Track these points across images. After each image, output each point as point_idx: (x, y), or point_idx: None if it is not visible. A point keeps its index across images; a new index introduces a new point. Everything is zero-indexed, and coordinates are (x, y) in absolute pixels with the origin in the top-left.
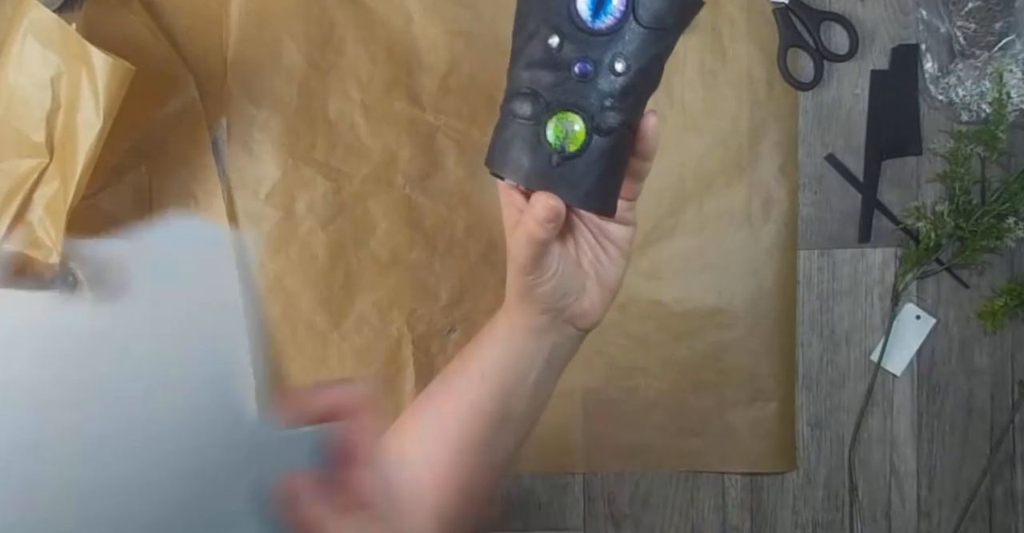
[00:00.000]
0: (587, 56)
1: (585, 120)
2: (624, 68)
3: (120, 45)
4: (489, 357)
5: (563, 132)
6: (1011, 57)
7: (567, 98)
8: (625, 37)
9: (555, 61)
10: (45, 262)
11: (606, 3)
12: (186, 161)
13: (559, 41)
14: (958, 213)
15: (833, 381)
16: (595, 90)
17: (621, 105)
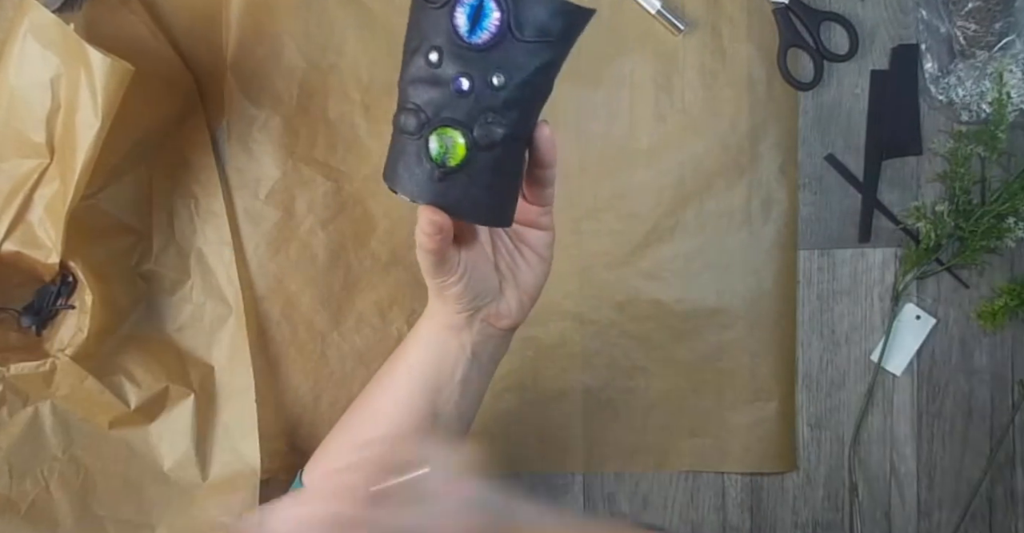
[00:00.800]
0: (466, 71)
1: (465, 135)
2: (503, 82)
3: (120, 45)
4: (414, 354)
5: (444, 147)
6: (1011, 57)
7: (447, 113)
8: (505, 51)
9: (435, 77)
10: (45, 262)
11: (482, 18)
12: (186, 161)
13: (438, 56)
14: (958, 213)
15: (833, 381)
16: (475, 105)
17: (503, 119)
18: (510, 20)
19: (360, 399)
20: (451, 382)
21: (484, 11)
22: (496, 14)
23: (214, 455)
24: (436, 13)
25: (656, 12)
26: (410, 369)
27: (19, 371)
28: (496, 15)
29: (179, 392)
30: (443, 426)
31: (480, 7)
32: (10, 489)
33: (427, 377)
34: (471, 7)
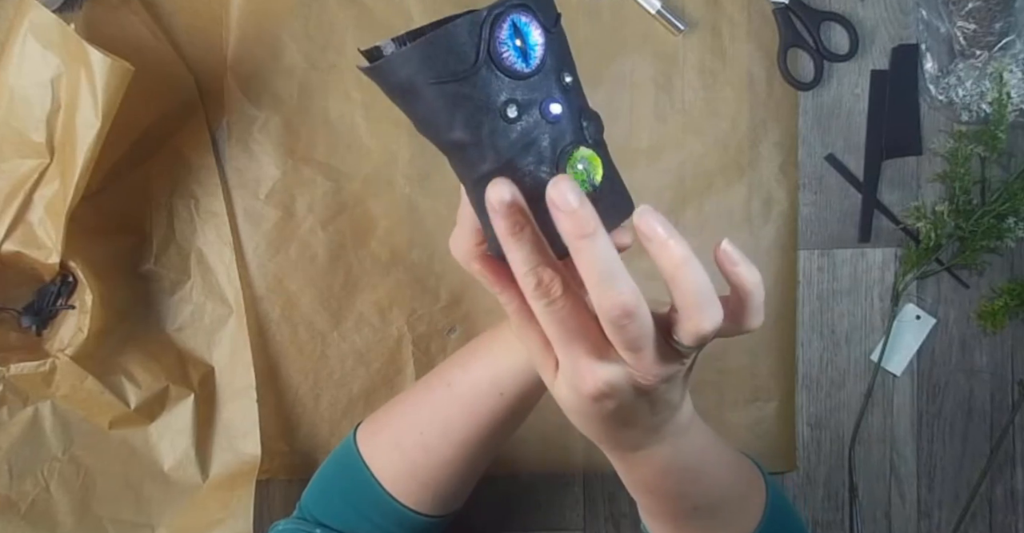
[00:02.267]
0: (547, 95)
1: (587, 145)
2: (570, 76)
3: (120, 45)
4: (509, 378)
5: (583, 171)
6: (1011, 57)
7: (561, 144)
8: (553, 51)
9: (528, 127)
10: (45, 262)
11: (525, 38)
12: (186, 161)
13: (516, 108)
14: (958, 213)
15: (833, 381)
16: (572, 115)
17: (586, 106)
18: (542, 20)
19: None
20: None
21: (522, 31)
22: (533, 24)
23: (214, 455)
24: (477, 77)
25: (656, 12)
26: (502, 396)
27: (19, 371)
28: (534, 25)
29: (179, 392)
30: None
31: (516, 30)
32: (10, 489)
33: (522, 399)
34: (509, 36)
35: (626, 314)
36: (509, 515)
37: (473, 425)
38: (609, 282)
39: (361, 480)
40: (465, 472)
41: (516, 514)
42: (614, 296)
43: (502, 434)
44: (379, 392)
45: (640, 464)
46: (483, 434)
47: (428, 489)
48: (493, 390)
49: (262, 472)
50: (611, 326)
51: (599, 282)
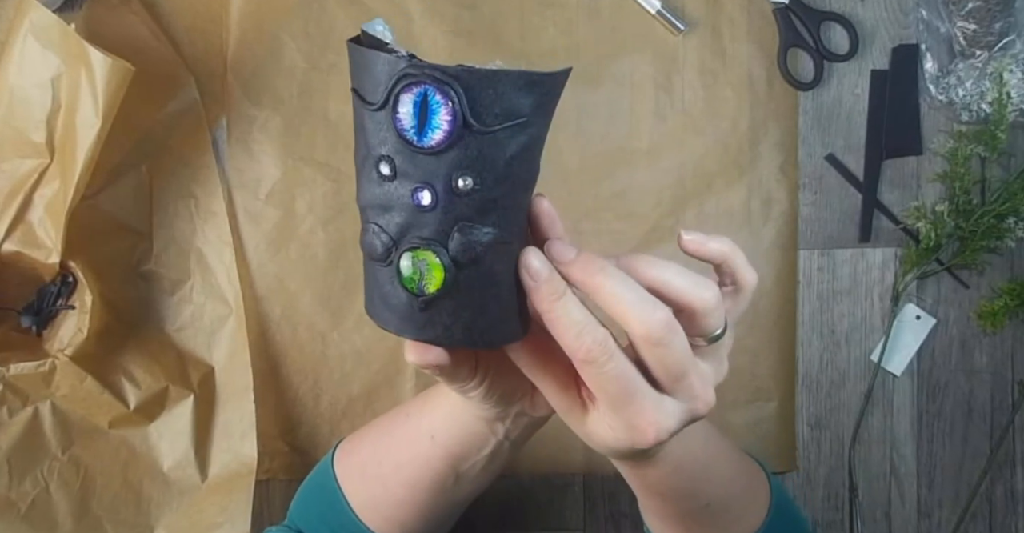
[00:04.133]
0: (425, 181)
1: (439, 254)
2: (472, 185)
3: (120, 45)
4: (440, 424)
5: (418, 273)
6: (1011, 57)
7: (414, 233)
8: (466, 148)
9: (391, 193)
10: (45, 262)
11: (430, 115)
12: (186, 161)
13: (390, 169)
14: (958, 213)
15: (833, 381)
16: (444, 218)
17: (483, 226)
18: (464, 111)
19: (389, 427)
20: (477, 455)
21: (430, 107)
22: (446, 108)
23: (213, 456)
24: (376, 116)
25: (656, 12)
26: (433, 439)
27: (19, 371)
28: (446, 109)
29: (179, 392)
30: (467, 482)
31: (424, 103)
32: (10, 489)
33: (451, 450)
34: (414, 105)
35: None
36: (509, 515)
37: (416, 469)
38: (641, 304)
39: (335, 501)
40: (426, 515)
41: (516, 514)
42: (652, 315)
43: (447, 487)
44: (379, 392)
45: (652, 466)
46: (427, 480)
47: (393, 526)
48: (426, 433)
49: (262, 472)
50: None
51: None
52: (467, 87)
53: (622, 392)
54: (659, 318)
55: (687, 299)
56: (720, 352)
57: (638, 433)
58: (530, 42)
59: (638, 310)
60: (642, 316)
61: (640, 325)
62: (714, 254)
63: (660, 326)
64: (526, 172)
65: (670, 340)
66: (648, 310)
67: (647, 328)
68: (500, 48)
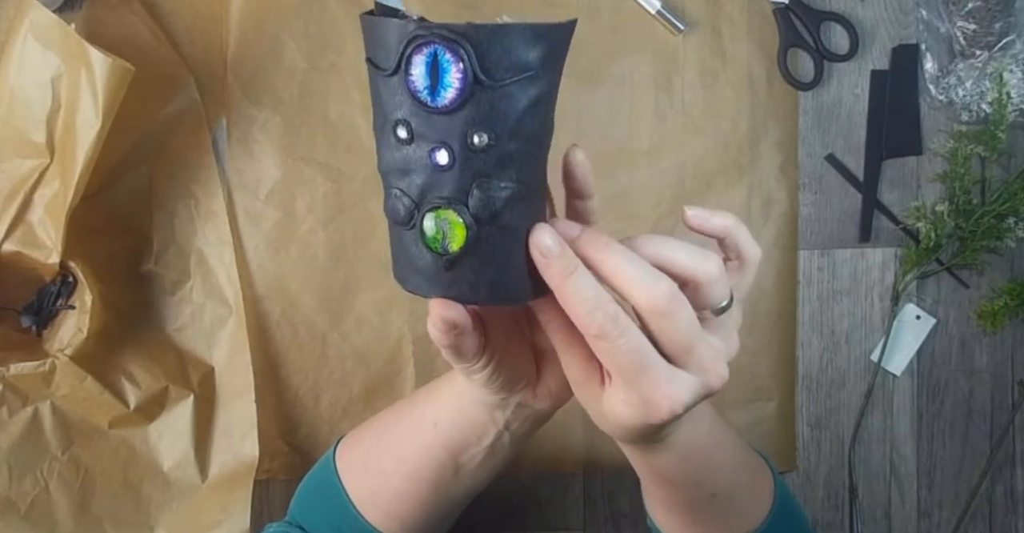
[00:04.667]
0: (441, 140)
1: (460, 212)
2: (487, 140)
3: (120, 45)
4: (442, 413)
5: (440, 232)
6: (1011, 57)
7: (434, 193)
8: (478, 104)
9: (409, 155)
10: (45, 262)
11: (441, 74)
12: (186, 161)
13: (407, 131)
14: (958, 213)
15: (833, 381)
16: (462, 175)
17: (501, 181)
18: (474, 68)
19: (392, 419)
20: (477, 445)
21: (441, 66)
22: (456, 66)
23: (213, 456)
24: (391, 81)
25: (656, 12)
26: (435, 426)
27: (19, 371)
28: (456, 67)
29: (179, 392)
30: (466, 475)
31: (435, 63)
32: (10, 489)
33: (452, 438)
34: (426, 65)
35: (673, 298)
36: (509, 515)
37: (417, 458)
38: (645, 277)
39: (336, 497)
40: (426, 508)
41: (516, 514)
42: (656, 287)
43: (447, 479)
44: (379, 392)
45: (660, 451)
46: (428, 471)
47: (393, 520)
48: (430, 420)
49: (262, 472)
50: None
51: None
52: (475, 43)
53: (635, 365)
54: (662, 290)
55: (690, 271)
56: (728, 325)
57: (652, 407)
58: None
59: (641, 283)
60: (645, 289)
61: (644, 298)
62: (717, 229)
63: (664, 297)
64: (539, 126)
65: (675, 311)
66: (651, 283)
67: (651, 300)
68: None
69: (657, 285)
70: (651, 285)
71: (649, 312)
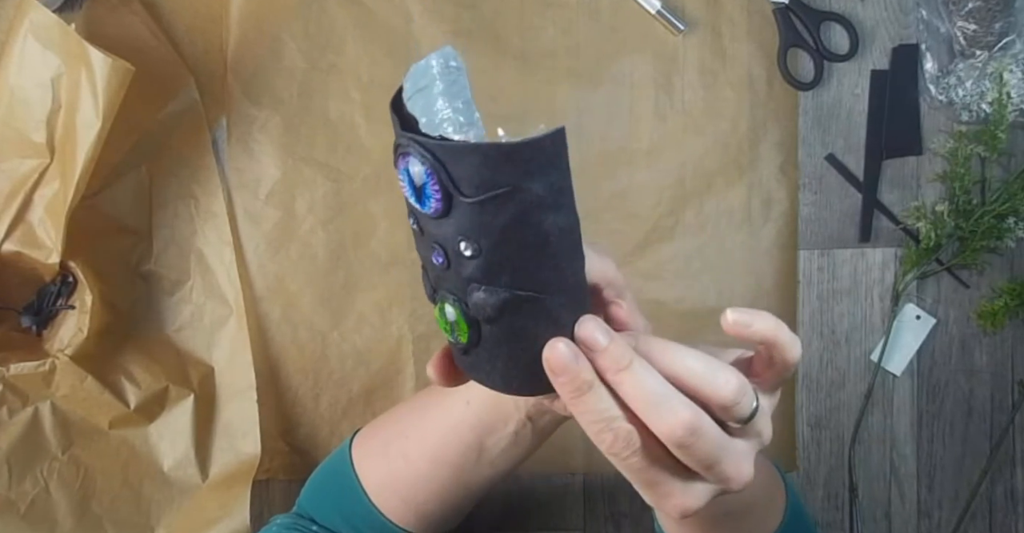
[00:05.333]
0: (437, 242)
1: (463, 310)
2: (474, 250)
3: (120, 45)
4: (476, 391)
5: (449, 324)
6: (1011, 57)
7: (443, 285)
8: (461, 215)
9: (422, 247)
10: (45, 262)
11: (423, 185)
12: (186, 161)
13: (416, 225)
14: (958, 213)
15: (833, 381)
16: (457, 277)
17: (492, 286)
18: (447, 182)
19: (417, 404)
20: (504, 429)
21: (423, 176)
22: (431, 178)
23: (213, 455)
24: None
25: (656, 12)
26: (467, 404)
27: (19, 371)
28: (432, 179)
29: (179, 392)
30: (487, 462)
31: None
32: (10, 489)
33: (482, 418)
34: (407, 174)
35: (692, 432)
36: (509, 515)
37: (444, 439)
38: (662, 405)
39: (348, 486)
40: (444, 496)
41: (516, 514)
42: (672, 419)
43: (470, 463)
44: (379, 392)
45: None
46: (453, 452)
47: (409, 507)
48: (461, 398)
49: (262, 472)
50: (680, 450)
51: (651, 408)
52: (443, 161)
53: (645, 483)
54: (681, 421)
55: (707, 392)
56: (759, 424)
57: (662, 509)
58: (530, 42)
59: (659, 413)
60: (665, 420)
61: (663, 429)
62: (758, 336)
63: (683, 429)
64: (537, 233)
65: (694, 442)
66: (670, 412)
67: (670, 431)
68: (500, 48)
69: (675, 417)
70: (669, 416)
71: (667, 441)
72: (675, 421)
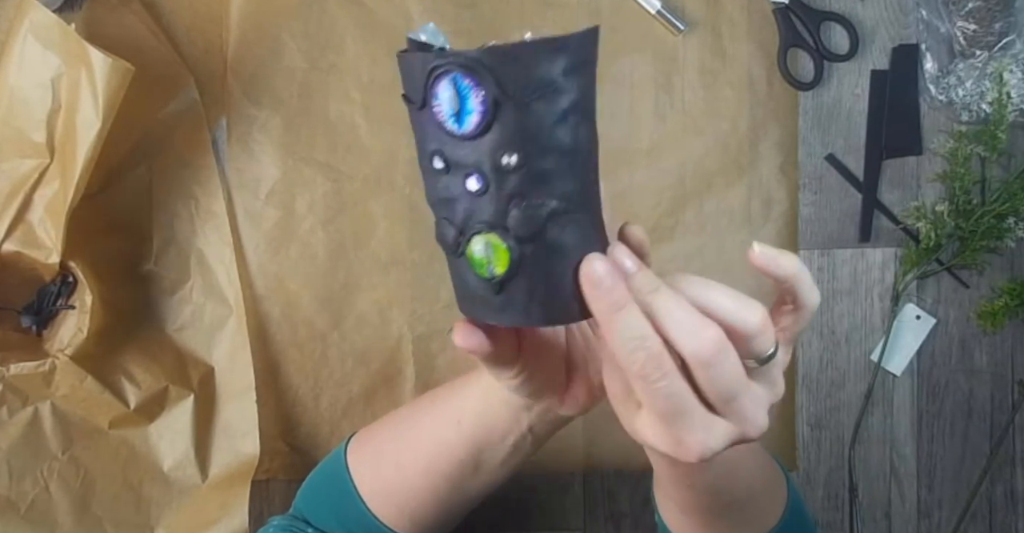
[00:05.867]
0: (473, 166)
1: (501, 235)
2: (517, 160)
3: (120, 45)
4: (467, 410)
5: (485, 257)
6: (1011, 57)
7: (475, 218)
8: (504, 125)
9: (448, 185)
10: (45, 262)
11: (462, 101)
12: (186, 161)
13: (442, 162)
14: (958, 213)
15: (833, 381)
16: (498, 198)
17: (537, 198)
18: (495, 90)
19: (411, 412)
20: (500, 444)
21: (461, 93)
22: (476, 90)
23: (213, 456)
24: (422, 115)
25: (656, 12)
26: (459, 424)
27: (19, 371)
28: (476, 92)
29: (179, 392)
30: (485, 472)
31: (455, 90)
32: (10, 489)
33: (476, 436)
34: (447, 94)
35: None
36: (509, 515)
37: (436, 453)
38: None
39: (344, 490)
40: (439, 504)
41: (516, 514)
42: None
43: (465, 476)
44: (379, 392)
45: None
46: (447, 468)
47: (403, 514)
48: (452, 417)
49: (262, 472)
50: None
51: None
52: (491, 66)
53: (672, 410)
54: (709, 337)
55: (733, 321)
56: (773, 372)
57: (682, 449)
58: None
59: (688, 330)
60: (692, 336)
61: (690, 346)
62: (782, 272)
63: (710, 347)
64: (574, 139)
65: (720, 362)
66: (698, 330)
67: (696, 349)
68: None
69: (704, 333)
70: (698, 333)
71: (693, 360)
72: (705, 336)
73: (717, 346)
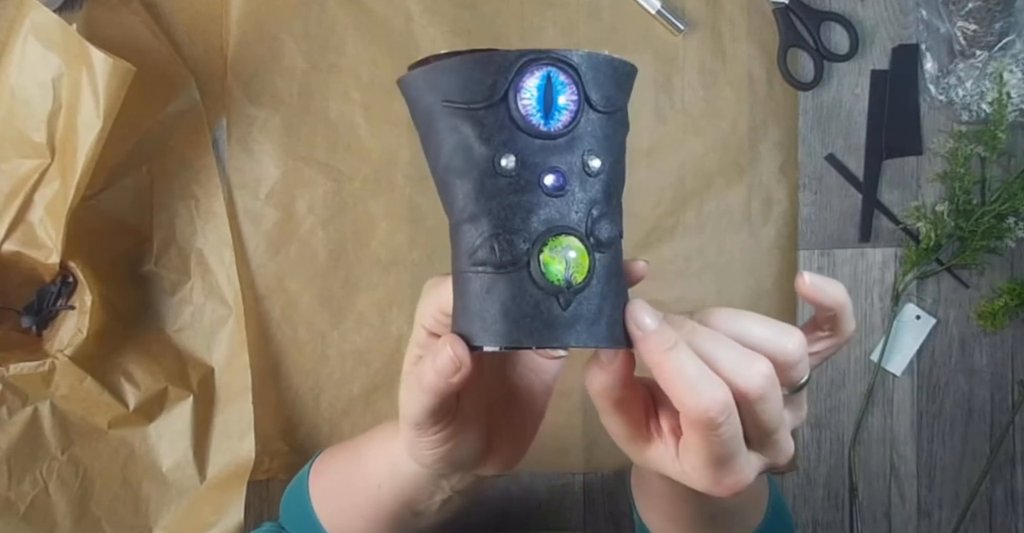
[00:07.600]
0: (554, 166)
1: (581, 239)
2: (600, 164)
3: (120, 45)
4: (386, 473)
5: (563, 263)
6: (1011, 57)
7: (554, 221)
8: (586, 128)
9: (518, 184)
10: (45, 262)
11: (554, 98)
12: (186, 161)
13: (514, 161)
14: (958, 213)
15: (833, 381)
16: (576, 200)
17: (609, 209)
18: (586, 91)
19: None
20: (428, 502)
21: (555, 88)
22: (569, 88)
23: (212, 456)
24: (486, 115)
25: (656, 12)
26: (380, 488)
27: (19, 371)
28: (569, 89)
29: (178, 393)
30: (428, 517)
31: (548, 86)
32: (9, 489)
33: (399, 497)
34: (539, 88)
35: (771, 382)
36: (509, 515)
37: (370, 507)
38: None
39: (308, 514)
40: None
41: (516, 514)
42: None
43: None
44: (379, 392)
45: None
46: (384, 519)
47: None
48: (373, 481)
49: (262, 472)
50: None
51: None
52: (581, 71)
53: (727, 454)
54: (759, 371)
55: (772, 350)
56: (801, 398)
57: (719, 487)
58: (530, 42)
59: (735, 366)
60: (742, 372)
61: (742, 382)
62: (831, 301)
63: (761, 381)
64: (623, 166)
65: (769, 396)
66: (748, 365)
67: (748, 384)
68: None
69: (753, 368)
70: (748, 368)
71: (744, 398)
72: (755, 371)
73: (769, 380)
